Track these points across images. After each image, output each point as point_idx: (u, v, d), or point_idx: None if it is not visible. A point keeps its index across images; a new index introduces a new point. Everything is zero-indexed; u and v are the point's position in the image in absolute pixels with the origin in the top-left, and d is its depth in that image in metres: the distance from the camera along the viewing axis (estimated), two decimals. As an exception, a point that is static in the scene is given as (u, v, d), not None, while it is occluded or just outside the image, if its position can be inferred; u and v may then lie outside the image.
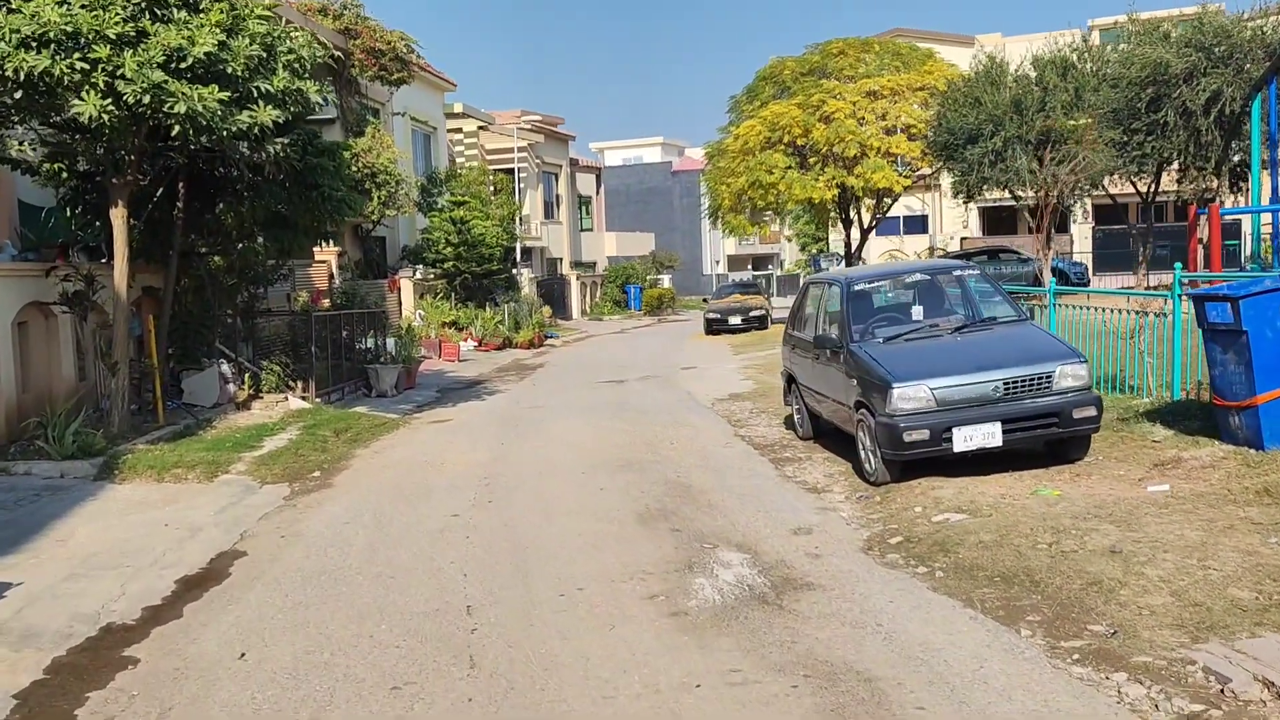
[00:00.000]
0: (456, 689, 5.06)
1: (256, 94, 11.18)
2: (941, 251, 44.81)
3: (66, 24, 10.04)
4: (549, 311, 35.48)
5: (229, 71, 10.86)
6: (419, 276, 29.11)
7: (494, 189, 34.58)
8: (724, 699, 4.77)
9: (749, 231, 37.07)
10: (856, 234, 33.22)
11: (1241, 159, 25.51)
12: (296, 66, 11.75)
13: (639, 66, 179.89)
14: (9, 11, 10.04)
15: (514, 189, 36.93)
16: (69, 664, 5.72)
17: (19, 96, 10.50)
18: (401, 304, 27.15)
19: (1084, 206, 25.33)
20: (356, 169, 20.52)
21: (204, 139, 11.75)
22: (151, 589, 6.98)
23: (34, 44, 10.07)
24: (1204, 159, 24.98)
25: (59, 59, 10.28)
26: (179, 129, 10.77)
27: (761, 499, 8.71)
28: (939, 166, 29.02)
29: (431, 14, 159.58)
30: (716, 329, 32.01)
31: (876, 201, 32.30)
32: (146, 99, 10.33)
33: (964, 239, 46.22)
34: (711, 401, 15.53)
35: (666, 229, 62.05)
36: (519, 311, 30.86)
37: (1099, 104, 23.25)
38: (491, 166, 37.16)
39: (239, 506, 9.54)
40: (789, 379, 11.69)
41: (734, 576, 6.52)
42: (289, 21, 13.81)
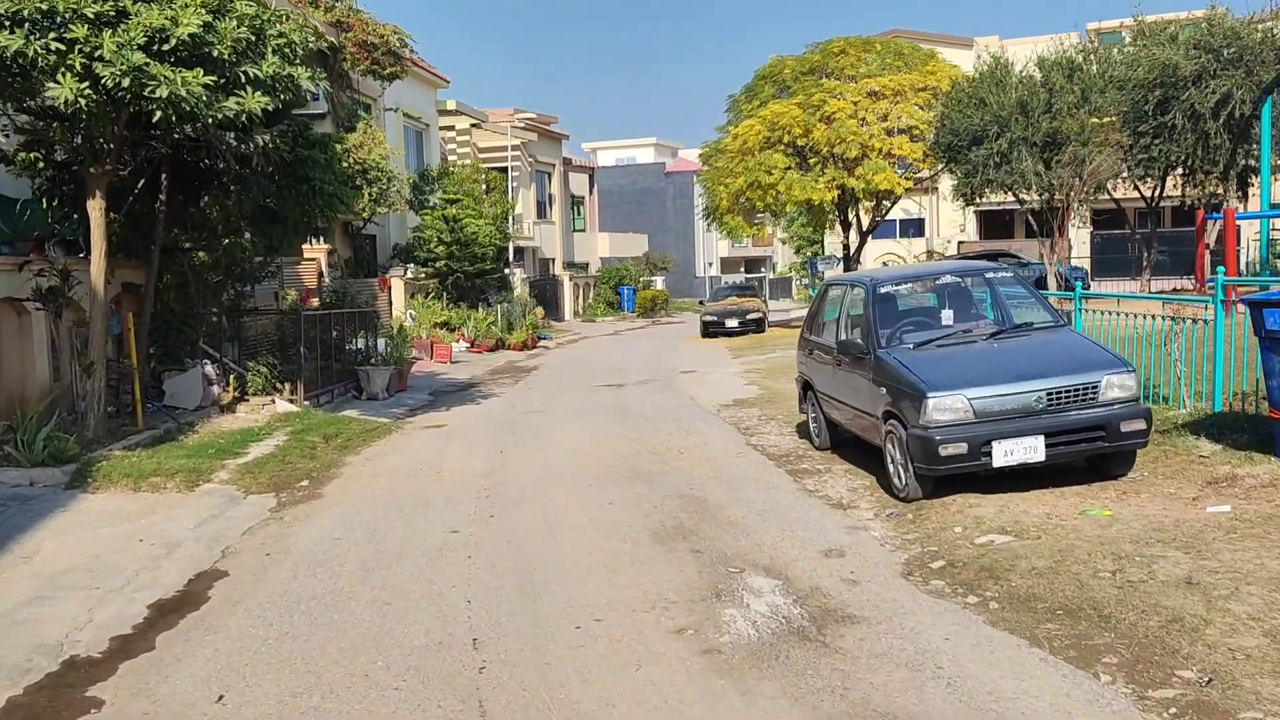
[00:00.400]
0: (465, 741, 4.45)
1: (244, 79, 10.55)
2: (939, 255, 44.38)
3: (41, 1, 9.40)
4: (542, 313, 34.85)
5: (215, 55, 10.22)
6: (410, 276, 28.46)
7: (487, 187, 33.92)
8: (773, 757, 4.17)
9: (747, 233, 36.49)
10: (855, 236, 32.66)
11: (1247, 164, 25.07)
12: (287, 51, 11.11)
13: (632, 67, 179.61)
14: (-22, -12, 9.40)
15: (507, 188, 36.28)
16: (24, 706, 5.07)
17: (-9, 79, 9.88)
18: (392, 304, 26.52)
19: (1082, 212, 24.87)
20: (348, 164, 19.89)
21: (188, 128, 11.14)
22: (122, 615, 6.33)
23: (6, 23, 9.44)
24: (1212, 163, 24.52)
25: (33, 39, 9.66)
26: (161, 115, 10.12)
27: (784, 516, 8.10)
28: (940, 169, 28.52)
29: (423, 9, 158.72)
30: (713, 331, 31.45)
31: (876, 204, 31.75)
32: (126, 82, 9.69)
33: (961, 243, 45.79)
34: (716, 407, 14.92)
35: (659, 230, 61.44)
36: (512, 312, 30.23)
37: (1106, 106, 22.78)
38: (484, 165, 36.48)
39: (221, 519, 8.89)
40: (805, 385, 11.09)
41: (767, 607, 5.91)
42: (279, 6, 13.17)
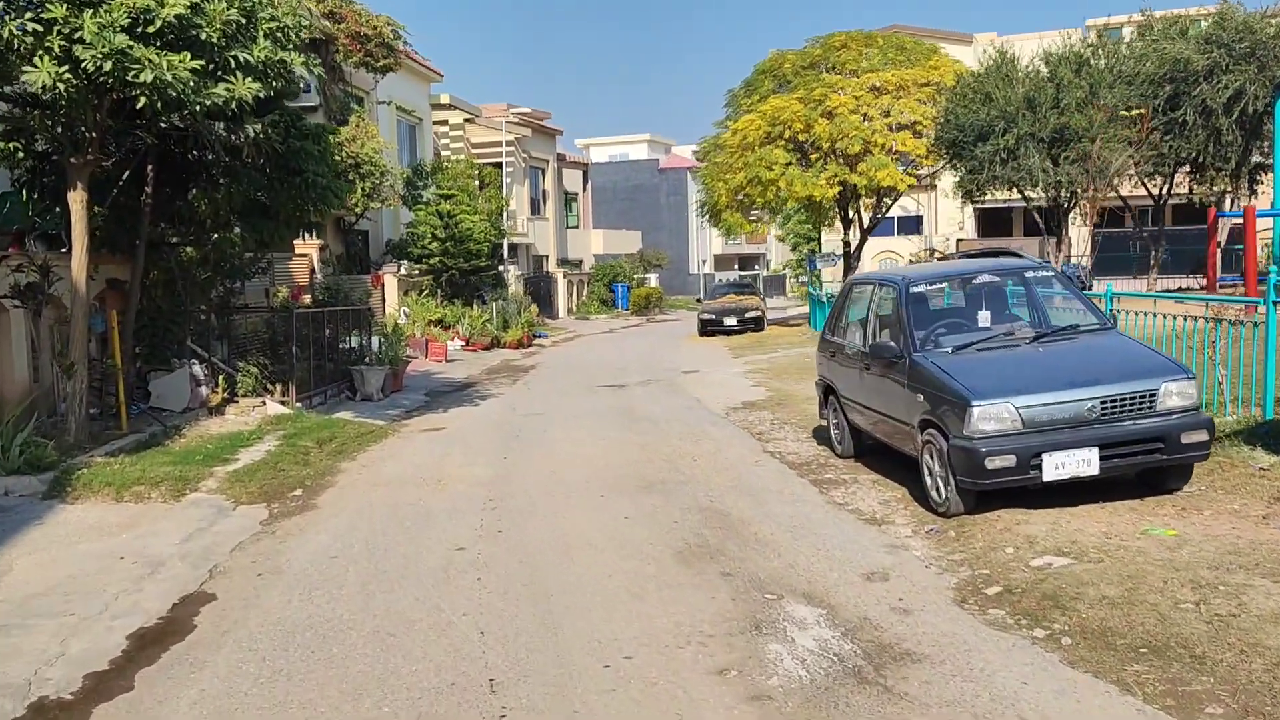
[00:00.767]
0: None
1: (234, 64, 9.95)
2: (940, 254, 43.87)
3: (16, -22, 8.81)
4: (536, 310, 34.24)
5: (203, 38, 9.63)
6: (404, 272, 27.84)
7: (481, 183, 33.28)
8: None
9: (747, 229, 35.88)
10: (855, 233, 32.11)
11: (1259, 161, 24.60)
12: (279, 35, 10.51)
13: (626, 63, 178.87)
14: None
15: (501, 183, 35.66)
16: (-15, 760, 4.51)
17: (-38, 62, 9.26)
18: (385, 301, 25.91)
19: (1093, 210, 24.42)
20: (340, 158, 19.27)
21: (175, 116, 10.54)
22: (98, 647, 5.73)
23: (-21, 1, 8.85)
24: (1223, 159, 24.05)
25: (9, 19, 9.08)
26: (145, 102, 9.52)
27: (816, 532, 7.53)
28: (943, 165, 27.98)
29: (416, 2, 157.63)
30: (711, 330, 30.90)
31: (877, 200, 31.20)
32: (108, 66, 9.09)
33: (960, 240, 45.24)
34: (725, 410, 14.36)
35: (653, 227, 60.85)
36: (507, 310, 29.62)
37: (1114, 101, 22.31)
38: (478, 160, 35.83)
39: (209, 534, 8.29)
40: (826, 389, 10.52)
41: (814, 642, 5.34)
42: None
